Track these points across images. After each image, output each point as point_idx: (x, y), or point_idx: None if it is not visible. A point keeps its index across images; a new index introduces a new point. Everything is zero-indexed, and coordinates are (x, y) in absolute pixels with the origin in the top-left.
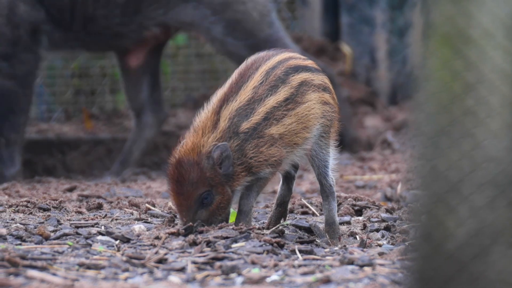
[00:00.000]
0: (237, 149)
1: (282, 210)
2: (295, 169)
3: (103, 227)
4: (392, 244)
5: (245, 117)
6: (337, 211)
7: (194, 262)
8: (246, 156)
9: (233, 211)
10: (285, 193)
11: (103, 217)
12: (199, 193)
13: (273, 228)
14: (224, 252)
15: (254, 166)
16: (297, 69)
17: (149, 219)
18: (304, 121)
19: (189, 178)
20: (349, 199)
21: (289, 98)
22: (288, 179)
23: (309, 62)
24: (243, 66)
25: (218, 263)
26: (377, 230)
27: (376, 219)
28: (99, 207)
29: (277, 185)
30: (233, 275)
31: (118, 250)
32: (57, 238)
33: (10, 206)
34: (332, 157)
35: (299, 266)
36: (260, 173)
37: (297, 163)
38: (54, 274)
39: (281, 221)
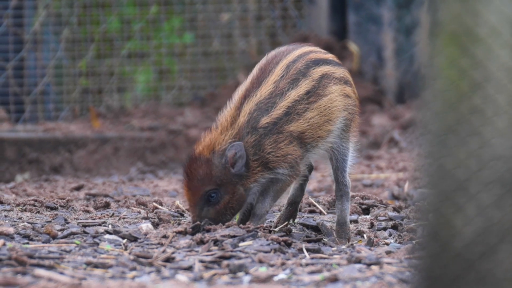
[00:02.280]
0: (254, 144)
1: (292, 210)
2: (309, 170)
3: (110, 226)
4: (400, 242)
5: (266, 111)
6: None
7: (201, 261)
8: (264, 151)
9: None
10: (297, 193)
11: (111, 216)
12: (205, 190)
13: (281, 227)
14: (232, 251)
15: (271, 162)
16: (318, 62)
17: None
18: (326, 113)
19: (198, 174)
20: (356, 198)
21: (310, 91)
22: (303, 181)
23: (330, 56)
24: (263, 61)
25: (225, 262)
26: (385, 229)
27: (384, 218)
28: (107, 206)
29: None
30: (240, 274)
31: (126, 249)
32: (65, 237)
33: (18, 205)
34: (351, 153)
35: (307, 264)
36: (278, 170)
37: (311, 164)
38: (61, 273)
39: (290, 221)
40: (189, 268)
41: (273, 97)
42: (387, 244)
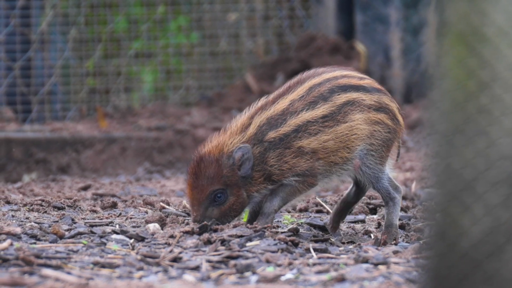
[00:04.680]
0: (258, 156)
1: (342, 207)
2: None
3: (117, 226)
4: (407, 242)
5: (274, 126)
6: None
7: (208, 261)
8: (266, 164)
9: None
10: (351, 194)
11: (118, 216)
12: (212, 189)
13: (289, 227)
14: (239, 251)
15: (274, 174)
16: (346, 88)
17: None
18: (343, 140)
19: (206, 172)
20: (363, 198)
21: (328, 116)
22: (359, 188)
23: (365, 82)
24: (295, 79)
25: (232, 262)
26: None
27: None
28: (114, 205)
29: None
30: (247, 273)
31: (133, 249)
32: (72, 237)
33: (25, 205)
34: (386, 171)
35: (314, 264)
36: (283, 181)
37: (339, 182)
38: (68, 273)
39: (340, 229)
40: (196, 268)
41: (285, 114)
42: (395, 243)
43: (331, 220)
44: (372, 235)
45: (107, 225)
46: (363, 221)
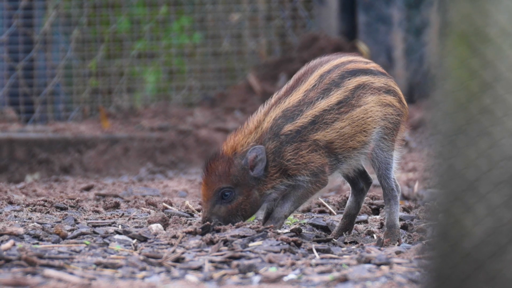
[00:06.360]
0: (274, 150)
1: (347, 222)
2: (367, 185)
3: (120, 226)
4: (409, 242)
5: (291, 119)
6: None
7: (211, 261)
8: (283, 158)
9: None
10: (352, 205)
11: (120, 216)
12: (220, 186)
13: (292, 228)
14: (241, 251)
15: (290, 169)
16: (355, 72)
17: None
18: (359, 124)
19: (216, 170)
20: (366, 198)
21: (342, 101)
22: (357, 193)
23: (372, 65)
24: (302, 70)
25: (235, 262)
26: None
27: None
28: (116, 206)
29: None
30: (250, 274)
31: (135, 249)
32: (74, 237)
33: (27, 206)
34: (395, 160)
35: (316, 265)
36: (298, 177)
37: (358, 169)
38: (71, 273)
39: (345, 234)
40: (199, 268)
41: (301, 105)
42: (398, 244)
43: (336, 235)
44: (374, 235)
45: (109, 225)
46: (365, 222)
